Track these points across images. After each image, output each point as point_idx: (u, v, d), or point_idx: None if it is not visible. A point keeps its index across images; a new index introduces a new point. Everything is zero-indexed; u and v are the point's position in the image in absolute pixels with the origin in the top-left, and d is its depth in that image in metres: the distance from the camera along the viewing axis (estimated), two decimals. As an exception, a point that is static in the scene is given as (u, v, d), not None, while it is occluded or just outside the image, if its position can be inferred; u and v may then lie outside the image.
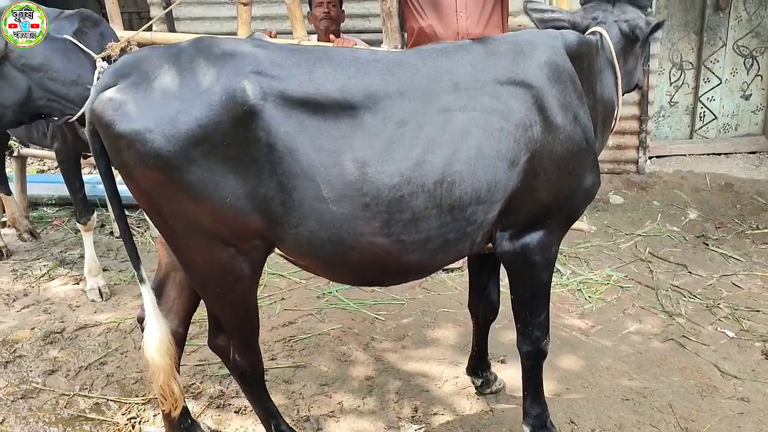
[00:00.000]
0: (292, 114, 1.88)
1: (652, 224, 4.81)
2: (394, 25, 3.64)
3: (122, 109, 1.82)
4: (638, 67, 2.64)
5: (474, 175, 2.02)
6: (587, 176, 2.27)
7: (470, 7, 3.51)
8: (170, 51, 1.93)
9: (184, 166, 1.82)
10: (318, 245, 1.98)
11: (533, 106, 2.11)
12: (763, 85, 5.62)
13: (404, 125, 1.96)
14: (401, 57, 2.13)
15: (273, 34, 3.95)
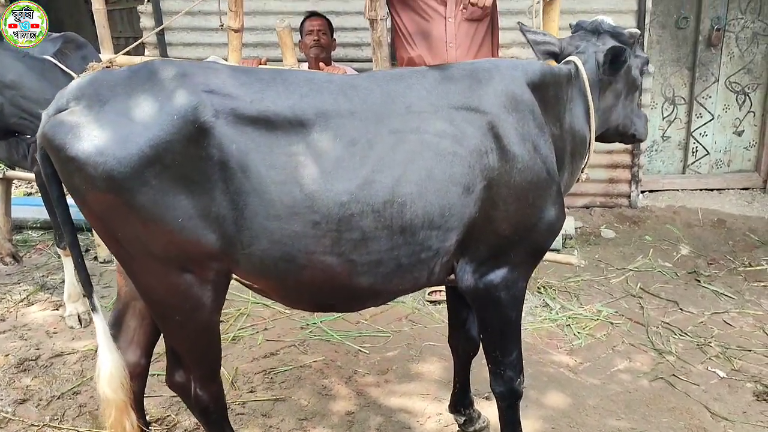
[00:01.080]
0: (244, 131, 1.87)
1: (644, 259, 4.75)
2: (384, 54, 3.62)
3: (73, 131, 1.78)
4: (619, 105, 2.57)
5: (425, 198, 1.99)
6: (549, 208, 2.22)
7: (460, 38, 3.51)
8: (124, 74, 1.93)
9: (136, 188, 1.79)
10: (270, 264, 1.95)
11: (488, 133, 2.08)
12: (756, 121, 5.62)
13: (354, 144, 1.94)
14: (355, 80, 2.12)
15: (263, 60, 3.94)
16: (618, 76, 2.46)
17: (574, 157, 2.43)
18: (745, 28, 5.34)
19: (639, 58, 2.58)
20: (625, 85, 2.53)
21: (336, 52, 4.71)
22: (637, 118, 2.67)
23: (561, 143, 2.33)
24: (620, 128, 2.63)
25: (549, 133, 2.24)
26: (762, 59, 5.40)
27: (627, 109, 2.61)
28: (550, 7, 3.28)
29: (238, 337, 3.59)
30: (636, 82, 2.58)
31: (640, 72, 2.58)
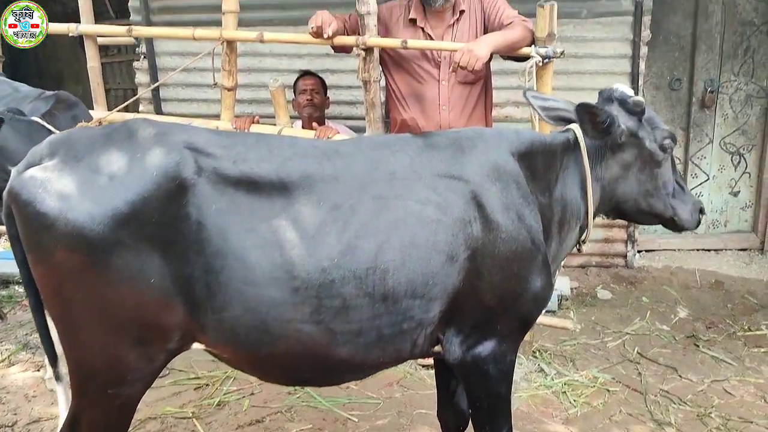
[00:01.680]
0: (225, 192, 1.83)
1: (641, 322, 4.65)
2: (377, 115, 3.62)
3: (44, 186, 1.74)
4: (630, 178, 2.42)
5: (408, 266, 1.94)
6: (535, 279, 2.16)
7: (453, 100, 3.50)
8: (102, 131, 1.90)
9: (108, 247, 1.73)
10: (242, 333, 1.87)
11: (471, 202, 2.04)
12: (752, 182, 5.61)
13: (337, 209, 1.91)
14: (340, 146, 2.12)
15: (256, 119, 3.93)
16: (625, 146, 2.36)
17: (563, 227, 2.36)
18: (738, 90, 5.38)
19: (656, 130, 2.41)
20: (636, 157, 2.39)
21: (330, 109, 4.71)
22: (677, 201, 2.49)
23: (549, 212, 2.28)
24: (642, 206, 2.47)
25: (535, 202, 2.20)
26: (756, 121, 5.42)
27: (645, 186, 2.43)
28: (543, 70, 3.28)
29: (224, 402, 3.47)
30: (654, 156, 2.39)
31: (660, 146, 2.39)
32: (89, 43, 4.05)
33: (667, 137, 2.40)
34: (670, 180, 2.46)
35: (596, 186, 2.38)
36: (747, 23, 5.22)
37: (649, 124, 2.39)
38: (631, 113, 2.36)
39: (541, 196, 2.26)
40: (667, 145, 2.39)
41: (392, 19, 3.59)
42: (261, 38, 3.60)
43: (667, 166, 2.44)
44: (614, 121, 2.29)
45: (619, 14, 4.83)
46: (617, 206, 2.49)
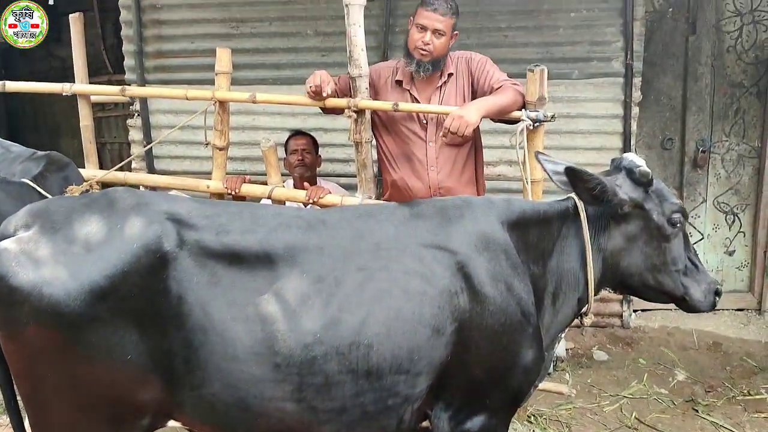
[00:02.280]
0: (206, 264, 1.78)
1: (639, 385, 4.55)
2: (368, 175, 3.60)
3: (19, 259, 1.68)
4: (635, 252, 2.31)
5: (392, 340, 1.88)
6: (525, 352, 2.10)
7: (441, 161, 3.49)
8: (81, 201, 1.87)
9: (85, 323, 1.67)
10: (221, 410, 1.80)
11: (458, 273, 2.00)
12: (747, 241, 5.58)
13: (321, 282, 1.86)
14: (324, 215, 2.10)
15: (247, 179, 3.91)
16: (629, 217, 2.28)
17: (557, 298, 2.29)
18: (730, 150, 5.41)
19: (665, 202, 2.30)
20: (642, 229, 2.29)
21: (322, 167, 4.70)
22: (690, 280, 2.36)
23: (542, 282, 2.23)
24: (649, 282, 2.34)
25: (527, 272, 2.15)
26: (749, 180, 5.43)
27: (651, 260, 2.32)
28: (534, 133, 3.27)
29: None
30: (662, 230, 2.28)
31: (668, 220, 2.28)
32: (82, 102, 4.06)
33: (676, 211, 2.29)
34: (681, 256, 2.34)
35: (597, 257, 2.30)
36: (736, 85, 5.29)
37: (658, 196, 2.30)
38: (637, 183, 2.28)
39: (533, 266, 2.21)
40: (676, 220, 2.28)
41: (381, 81, 3.60)
42: (253, 99, 3.61)
43: (678, 242, 2.33)
44: (606, 188, 2.21)
45: (610, 75, 4.89)
46: (623, 280, 2.38)
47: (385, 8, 4.88)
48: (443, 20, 3.34)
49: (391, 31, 4.93)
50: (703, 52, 5.24)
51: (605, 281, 2.38)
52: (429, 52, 3.37)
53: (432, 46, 3.35)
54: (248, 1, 5.08)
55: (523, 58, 4.76)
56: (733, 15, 5.15)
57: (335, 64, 4.84)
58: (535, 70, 3.16)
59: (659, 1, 5.22)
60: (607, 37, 4.84)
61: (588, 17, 4.84)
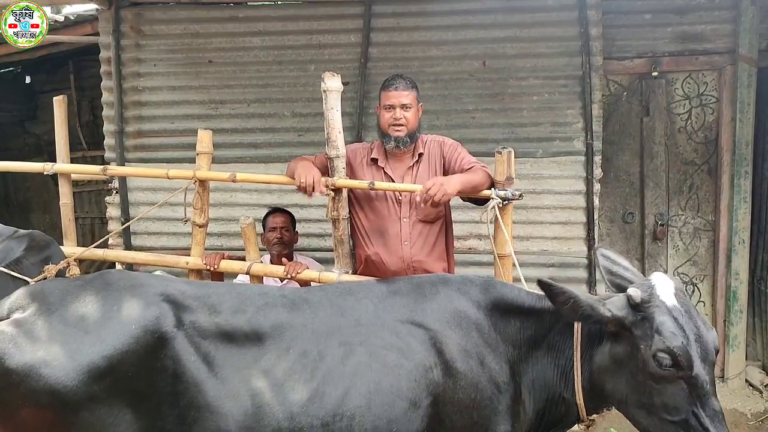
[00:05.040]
0: (200, 344, 1.88)
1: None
2: (345, 251, 3.72)
3: (15, 341, 1.73)
4: (622, 379, 2.08)
5: (373, 411, 1.96)
6: (497, 425, 2.14)
7: (414, 236, 3.64)
8: (75, 283, 1.94)
9: (81, 404, 1.72)
10: None
11: (432, 348, 2.10)
12: (707, 310, 5.78)
13: (305, 356, 1.96)
14: (307, 294, 2.21)
15: (226, 255, 3.99)
16: (618, 338, 2.09)
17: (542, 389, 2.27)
18: (686, 224, 5.67)
19: (656, 336, 2.00)
20: (629, 356, 2.07)
21: (299, 242, 4.81)
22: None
23: (523, 368, 2.24)
24: (638, 419, 2.09)
25: (503, 352, 2.21)
26: (705, 252, 5.68)
27: (638, 395, 2.05)
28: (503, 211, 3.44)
29: None
30: (647, 366, 2.01)
31: (654, 358, 1.99)
32: (63, 181, 4.13)
33: (662, 350, 1.98)
34: (679, 408, 2.00)
35: (587, 367, 2.20)
36: (689, 163, 5.61)
37: (651, 326, 2.02)
38: (629, 305, 2.08)
39: (513, 349, 2.22)
40: (662, 360, 1.98)
41: (356, 160, 3.79)
42: (233, 178, 3.73)
43: (673, 389, 2.00)
44: (580, 304, 2.05)
45: (572, 154, 5.16)
46: (616, 406, 2.21)
47: (359, 91, 5.15)
48: (406, 94, 3.62)
49: (365, 113, 5.18)
50: (657, 132, 5.57)
51: (598, 398, 2.23)
52: (403, 125, 3.60)
53: (404, 119, 3.59)
54: (227, 84, 5.30)
55: (489, 137, 5.05)
56: (683, 99, 5.53)
57: (311, 143, 5.05)
58: (502, 152, 3.36)
59: (615, 86, 5.58)
60: (568, 118, 5.15)
61: (550, 100, 5.16)
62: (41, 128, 8.31)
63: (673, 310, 2.02)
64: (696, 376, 1.96)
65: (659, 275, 2.16)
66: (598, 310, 2.06)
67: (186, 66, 5.31)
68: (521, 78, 5.18)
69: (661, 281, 2.12)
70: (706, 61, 5.40)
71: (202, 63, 5.31)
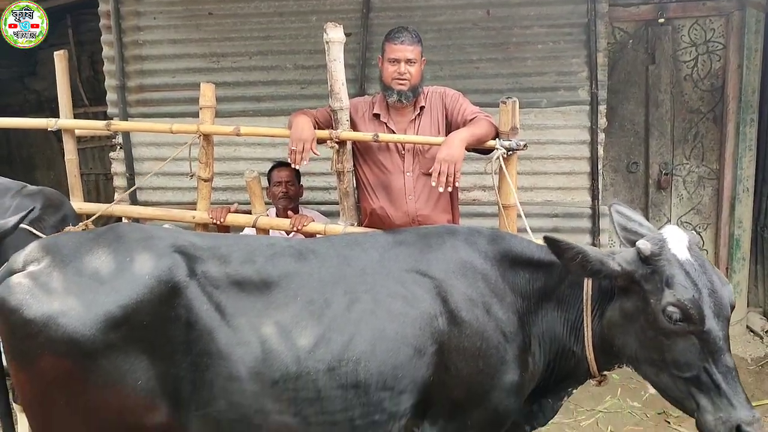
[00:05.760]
0: (212, 293, 1.92)
1: (613, 399, 4.72)
2: (350, 203, 3.74)
3: (32, 292, 1.77)
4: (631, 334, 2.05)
5: (378, 357, 2.01)
6: (504, 373, 2.16)
7: (418, 190, 3.65)
8: (87, 236, 1.97)
9: (99, 352, 1.77)
10: (226, 426, 1.93)
11: (437, 297, 2.12)
12: (709, 258, 5.81)
13: (312, 304, 2.00)
14: (314, 244, 2.24)
15: (233, 208, 4.02)
16: (628, 292, 2.06)
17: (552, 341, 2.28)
18: (691, 173, 5.67)
19: (667, 290, 1.96)
20: (639, 311, 2.04)
21: (304, 195, 4.83)
22: (705, 398, 1.95)
23: (532, 320, 2.25)
24: (650, 376, 2.11)
25: (511, 303, 2.21)
26: (709, 201, 5.69)
27: (647, 351, 2.04)
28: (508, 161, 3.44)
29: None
30: (657, 321, 1.97)
31: (663, 312, 1.96)
32: (67, 136, 4.13)
33: (672, 304, 1.94)
34: (690, 364, 1.96)
35: (598, 323, 2.18)
36: (694, 111, 5.57)
37: (662, 280, 1.98)
38: (640, 258, 2.04)
39: (522, 300, 2.23)
40: (671, 314, 1.94)
41: (358, 114, 3.77)
42: (238, 132, 3.74)
43: (684, 345, 1.97)
44: (588, 259, 2.02)
45: (577, 103, 5.11)
46: (628, 363, 2.18)
47: (361, 42, 5.09)
48: (411, 49, 3.57)
49: (368, 64, 5.13)
50: (662, 80, 5.52)
51: (609, 354, 2.20)
52: (407, 80, 3.57)
53: (408, 74, 3.55)
54: (228, 37, 5.24)
55: (493, 88, 5.00)
56: (689, 46, 5.46)
57: (314, 96, 5.01)
58: (507, 102, 3.34)
59: (620, 33, 5.50)
60: (572, 67, 5.09)
61: (554, 49, 5.09)
62: (41, 84, 8.25)
63: (685, 264, 1.98)
64: (708, 331, 1.92)
65: (672, 228, 2.12)
66: (607, 265, 2.02)
67: (186, 18, 5.24)
68: (525, 27, 5.10)
69: (673, 234, 2.08)
70: (713, 6, 5.31)
71: (202, 15, 5.24)
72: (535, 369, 2.27)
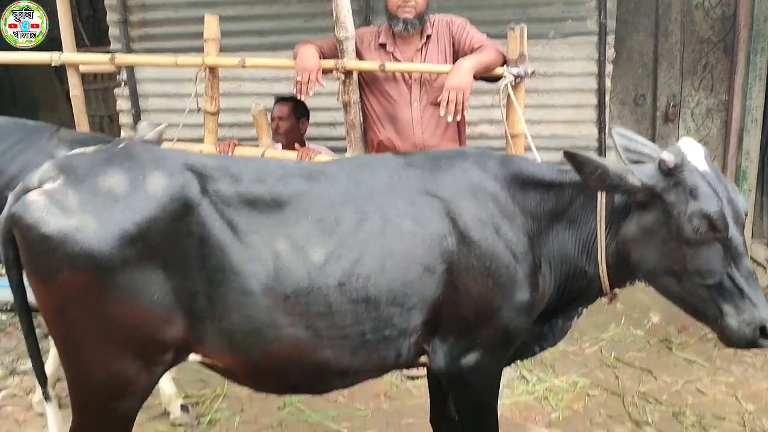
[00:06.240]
0: (224, 210, 1.96)
1: (617, 328, 4.81)
2: (357, 135, 3.75)
3: (50, 208, 1.80)
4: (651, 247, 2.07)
5: (387, 274, 2.05)
6: (515, 293, 2.19)
7: (426, 120, 3.64)
8: (100, 156, 1.98)
9: (115, 266, 1.81)
10: (239, 339, 1.99)
11: (446, 217, 2.14)
12: (715, 190, 5.83)
13: (322, 222, 2.04)
14: (324, 167, 2.27)
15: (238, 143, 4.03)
16: (648, 206, 2.07)
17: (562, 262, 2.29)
18: (699, 104, 5.62)
19: (693, 201, 1.99)
20: (660, 224, 2.05)
21: (310, 131, 4.83)
22: (728, 304, 2.01)
23: (543, 240, 2.26)
24: (670, 288, 2.12)
25: (522, 223, 2.22)
26: (717, 133, 5.66)
27: (669, 263, 2.06)
28: (516, 89, 3.44)
29: (215, 420, 3.53)
30: (682, 231, 2.00)
31: (690, 223, 1.98)
32: (72, 71, 4.12)
33: (697, 215, 1.97)
34: (715, 271, 2.02)
35: (612, 240, 2.18)
36: (705, 41, 5.48)
37: (686, 191, 2.01)
38: (661, 171, 2.04)
39: (532, 222, 2.24)
40: (697, 226, 1.98)
41: (364, 44, 3.74)
42: (243, 64, 3.72)
43: (709, 252, 2.01)
44: (608, 173, 2.01)
45: (585, 34, 5.04)
46: (643, 277, 2.21)
47: (365, -28, 4.99)
48: None
49: (372, -4, 5.04)
50: (672, 8, 5.41)
51: (624, 270, 2.22)
52: (412, 8, 3.52)
53: (414, 1, 3.51)
54: (230, -32, 5.14)
55: (500, 19, 4.89)
56: (701, -28, 5.34)
57: (318, 29, 4.93)
58: (515, 28, 3.31)
59: (630, -39, 5.38)
60: (581, -4, 4.99)
61: (562, -22, 4.99)
62: (41, 24, 8.12)
63: (706, 174, 2.02)
64: (731, 237, 1.99)
65: (687, 140, 2.12)
66: (626, 180, 2.02)
67: (187, -50, 5.13)
68: (533, -45, 4.98)
69: (690, 146, 2.09)
70: (726, -69, 5.17)
71: (204, -53, 5.12)
72: (545, 289, 2.29)
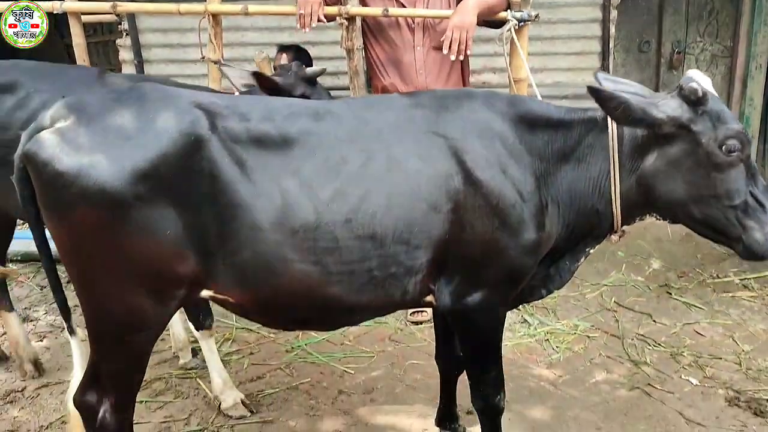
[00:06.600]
0: (233, 148, 1.98)
1: (617, 274, 4.88)
2: (361, 82, 3.76)
3: (63, 145, 1.84)
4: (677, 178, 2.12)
5: (393, 211, 2.08)
6: (520, 233, 2.20)
7: (429, 65, 3.64)
8: (111, 95, 2.01)
9: (128, 202, 1.85)
10: (251, 274, 2.04)
11: (452, 156, 2.15)
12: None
13: (329, 160, 2.06)
14: (331, 105, 2.28)
15: (241, 92, 4.03)
16: (673, 138, 2.09)
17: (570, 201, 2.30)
18: (704, 51, 5.59)
19: (721, 126, 2.05)
20: (688, 154, 2.09)
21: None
22: (750, 219, 2.11)
23: (551, 181, 2.28)
24: (694, 215, 2.16)
25: (529, 163, 2.23)
26: (721, 80, 5.64)
27: (697, 190, 2.12)
28: (519, 34, 3.42)
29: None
30: (712, 157, 2.05)
31: (720, 146, 2.04)
32: (73, 20, 4.08)
33: (732, 137, 2.04)
34: (740, 191, 2.10)
35: (628, 176, 2.20)
36: (711, -15, 5.43)
37: (712, 117, 2.05)
38: (686, 102, 2.06)
39: (540, 162, 2.26)
40: (732, 147, 2.04)
41: (368, -10, 3.71)
42: (246, 11, 3.70)
43: (736, 173, 2.09)
44: (631, 107, 2.02)
45: (589, -21, 4.99)
46: (664, 208, 2.22)
47: None
48: None
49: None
50: (679, -48, 5.35)
51: (640, 204, 2.24)
52: None
53: None
54: None
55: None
56: None
57: (320, -24, 4.87)
58: (519, -29, 3.28)
59: None
60: (586, -60, 4.92)
61: None
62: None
63: (720, 99, 2.13)
64: (749, 154, 2.11)
65: (695, 71, 2.16)
66: (651, 113, 2.04)
67: None
68: None
69: (700, 77, 2.13)
70: None
71: None
72: (552, 229, 2.30)
